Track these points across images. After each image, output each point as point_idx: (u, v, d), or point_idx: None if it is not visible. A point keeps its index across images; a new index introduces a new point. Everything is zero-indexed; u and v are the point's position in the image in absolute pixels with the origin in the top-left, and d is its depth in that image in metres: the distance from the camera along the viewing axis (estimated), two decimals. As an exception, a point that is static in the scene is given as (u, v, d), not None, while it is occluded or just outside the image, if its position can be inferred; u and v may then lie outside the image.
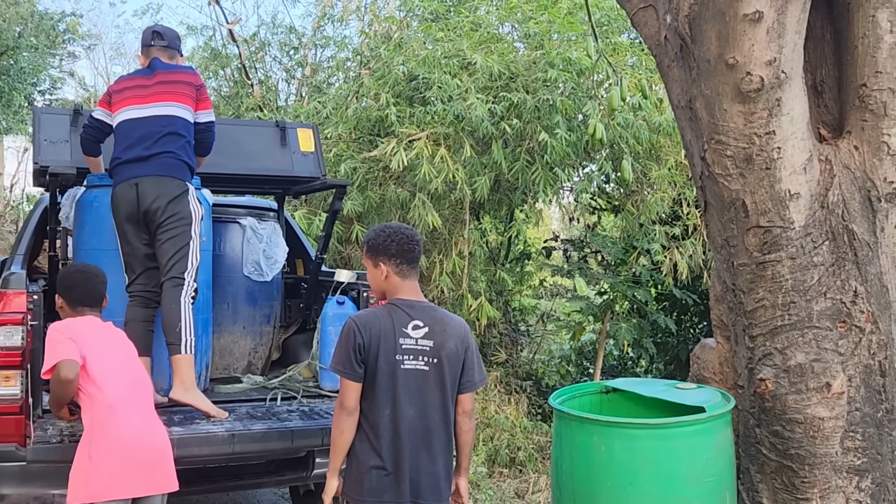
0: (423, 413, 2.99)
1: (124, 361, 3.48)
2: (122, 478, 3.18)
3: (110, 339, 3.50)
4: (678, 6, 3.08)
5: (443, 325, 3.04)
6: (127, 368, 3.46)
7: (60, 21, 17.98)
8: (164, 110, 4.16)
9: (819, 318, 3.05)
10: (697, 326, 9.64)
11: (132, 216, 4.07)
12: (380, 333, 2.98)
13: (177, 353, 3.99)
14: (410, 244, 3.07)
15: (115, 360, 3.41)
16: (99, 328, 3.50)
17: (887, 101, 3.04)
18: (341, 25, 10.57)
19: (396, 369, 2.98)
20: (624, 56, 8.06)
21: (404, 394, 2.98)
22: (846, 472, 3.08)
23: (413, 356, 2.99)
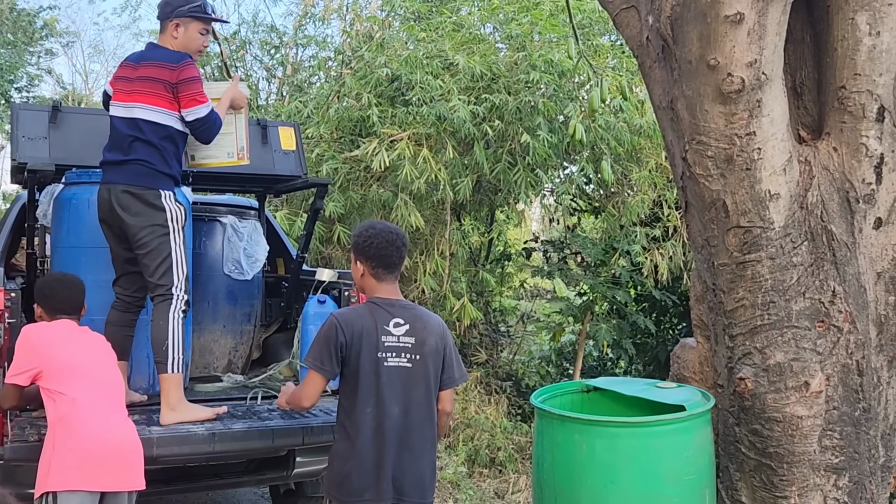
0: (406, 410, 3.01)
1: (94, 362, 3.48)
2: (84, 470, 3.17)
3: (80, 341, 3.50)
4: (660, 7, 3.09)
5: (423, 322, 3.08)
6: (95, 368, 3.45)
7: (38, 17, 17.82)
8: (133, 112, 3.94)
9: (798, 317, 3.07)
10: (677, 327, 9.71)
11: (108, 222, 3.99)
12: (362, 331, 3.00)
13: (163, 372, 3.87)
14: (389, 249, 3.09)
15: (81, 362, 3.41)
16: (70, 330, 3.51)
17: (866, 104, 3.07)
18: (323, 25, 10.57)
19: (379, 367, 3.00)
20: (605, 58, 8.10)
21: (388, 391, 3.00)
22: (824, 470, 3.11)
23: (396, 353, 3.02)
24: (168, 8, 4.04)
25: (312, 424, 4.04)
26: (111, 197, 3.93)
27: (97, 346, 3.58)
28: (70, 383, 3.32)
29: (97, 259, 4.11)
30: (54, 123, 4.53)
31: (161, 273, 3.90)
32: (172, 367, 3.86)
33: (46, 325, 3.50)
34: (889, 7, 3.01)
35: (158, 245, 3.89)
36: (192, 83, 3.95)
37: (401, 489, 3.00)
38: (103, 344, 3.62)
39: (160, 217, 3.91)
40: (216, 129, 4.04)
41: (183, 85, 3.94)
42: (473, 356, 8.78)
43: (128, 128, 3.95)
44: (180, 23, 4.02)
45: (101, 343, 3.61)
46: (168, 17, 4.03)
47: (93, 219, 4.09)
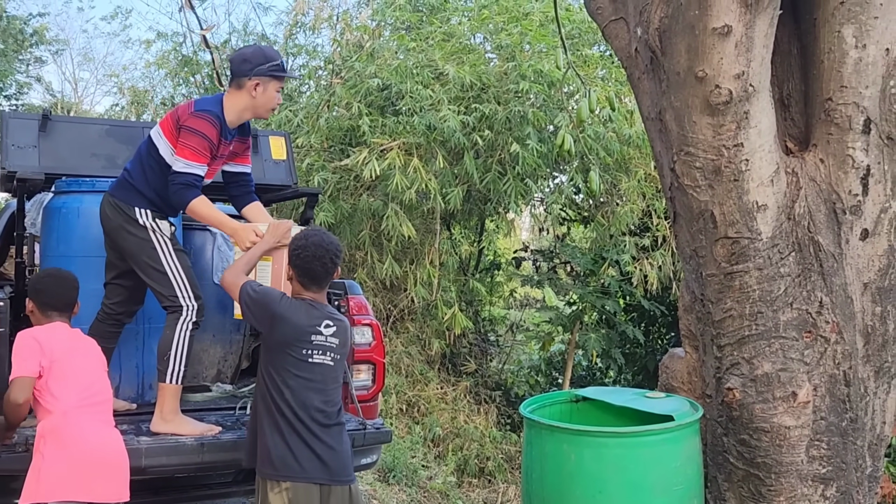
0: (326, 401, 3.27)
1: (85, 370, 3.43)
2: (74, 480, 3.13)
3: (74, 347, 3.45)
4: (649, 19, 3.12)
5: (343, 325, 3.37)
6: (86, 376, 3.42)
7: (28, 24, 17.79)
8: (152, 134, 3.91)
9: (785, 328, 3.09)
10: (665, 337, 9.73)
11: (104, 230, 3.96)
12: (297, 325, 3.27)
13: (161, 381, 3.84)
14: (315, 264, 3.31)
15: (75, 369, 3.37)
16: (64, 336, 3.45)
17: (852, 115, 3.09)
18: (313, 34, 10.57)
19: (305, 361, 3.26)
20: (594, 68, 8.14)
21: (307, 386, 3.26)
22: (811, 480, 3.12)
23: (322, 352, 3.28)
24: (247, 66, 3.89)
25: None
26: (102, 204, 3.93)
27: (91, 351, 3.54)
28: (65, 390, 3.28)
29: (87, 268, 4.08)
30: (44, 132, 4.51)
31: (160, 287, 3.87)
32: (171, 377, 3.83)
33: (50, 328, 3.45)
34: (875, 20, 3.05)
35: (148, 259, 3.85)
36: (193, 135, 3.76)
37: (329, 471, 3.23)
38: (95, 349, 3.58)
39: (141, 231, 3.86)
40: (185, 196, 3.77)
41: (185, 131, 3.77)
42: (463, 365, 8.78)
43: (144, 143, 3.97)
44: (260, 82, 3.91)
45: (93, 348, 3.57)
46: (246, 75, 3.88)
47: (82, 228, 4.07)
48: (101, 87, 26.77)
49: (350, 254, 8.01)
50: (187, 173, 3.77)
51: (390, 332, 7.91)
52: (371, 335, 4.52)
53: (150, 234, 3.87)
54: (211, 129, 3.80)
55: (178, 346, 3.85)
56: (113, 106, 16.64)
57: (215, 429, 3.95)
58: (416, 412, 7.64)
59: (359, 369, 4.50)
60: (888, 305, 3.26)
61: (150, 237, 3.87)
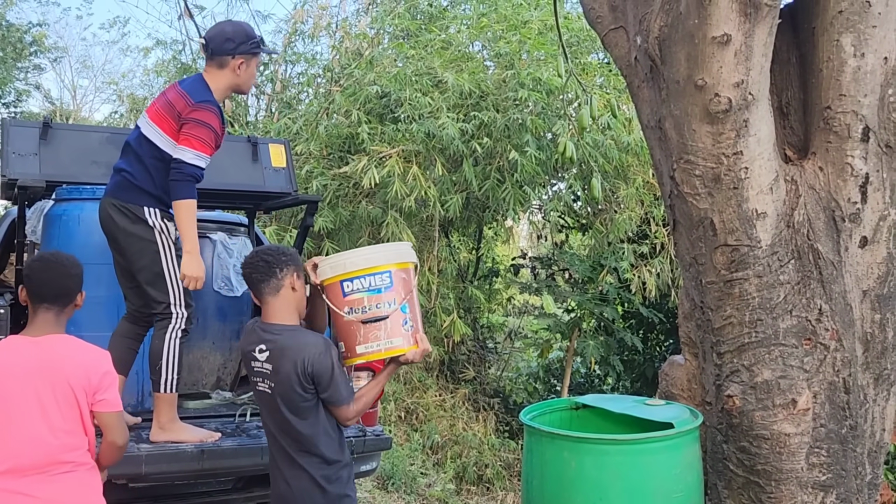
0: (272, 433, 3.14)
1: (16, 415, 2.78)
2: None
3: (26, 379, 2.80)
4: (648, 28, 3.13)
5: (282, 349, 3.06)
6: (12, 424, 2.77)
7: (27, 32, 17.80)
8: (144, 128, 3.86)
9: (785, 335, 3.10)
10: (664, 344, 9.74)
11: (106, 233, 3.93)
12: (243, 353, 3.20)
13: (156, 391, 3.84)
14: (242, 272, 3.22)
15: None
16: (11, 363, 2.83)
17: (851, 124, 3.11)
18: (312, 42, 10.59)
19: (255, 389, 3.17)
20: (593, 76, 8.16)
21: (262, 413, 3.18)
22: (811, 487, 3.13)
23: (261, 378, 3.12)
24: (230, 45, 3.88)
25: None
26: (104, 208, 3.90)
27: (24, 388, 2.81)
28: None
29: (88, 276, 4.07)
30: (45, 139, 4.52)
31: (156, 292, 3.86)
32: (165, 387, 3.83)
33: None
34: (873, 29, 3.06)
35: (149, 262, 3.84)
36: (201, 126, 3.77)
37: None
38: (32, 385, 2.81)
39: (148, 233, 3.85)
40: (188, 190, 3.75)
41: (191, 123, 3.76)
42: (461, 373, 8.79)
43: (134, 139, 3.91)
44: (244, 60, 3.92)
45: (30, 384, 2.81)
46: (230, 54, 3.89)
47: (83, 235, 4.08)
48: (100, 94, 26.80)
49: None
50: (195, 165, 3.76)
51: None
52: (371, 342, 4.52)
53: (157, 236, 3.85)
54: (216, 119, 3.82)
55: (168, 355, 3.84)
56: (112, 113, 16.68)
57: (215, 435, 3.95)
58: (415, 419, 7.64)
59: (358, 376, 4.50)
60: (887, 313, 3.27)
61: (155, 239, 3.85)
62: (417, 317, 3.19)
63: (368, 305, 3.08)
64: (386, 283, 3.10)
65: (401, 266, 3.16)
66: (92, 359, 2.93)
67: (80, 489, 2.84)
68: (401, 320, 3.10)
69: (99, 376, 2.89)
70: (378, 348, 3.09)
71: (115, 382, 2.95)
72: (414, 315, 3.16)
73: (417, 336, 3.13)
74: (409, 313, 3.13)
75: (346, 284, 3.11)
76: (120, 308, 4.19)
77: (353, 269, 3.10)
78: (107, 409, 2.90)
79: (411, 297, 3.15)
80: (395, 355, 3.13)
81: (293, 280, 3.15)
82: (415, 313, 3.17)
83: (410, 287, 3.15)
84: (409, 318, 3.12)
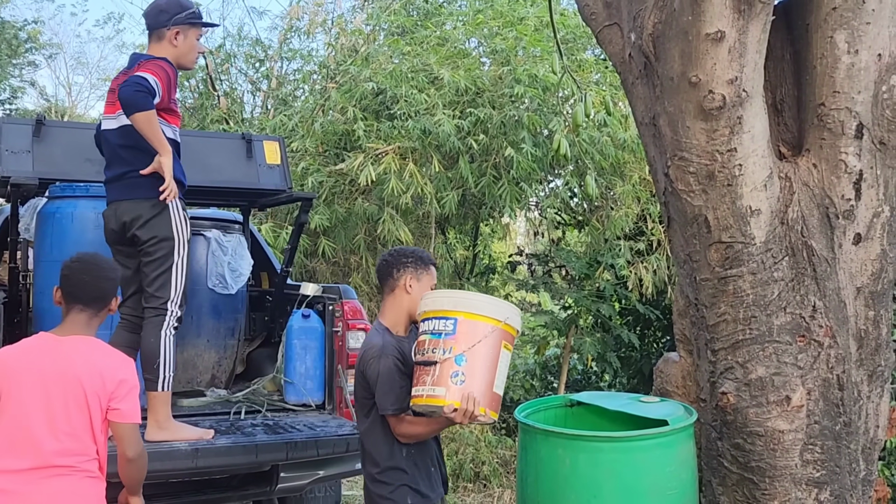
0: None
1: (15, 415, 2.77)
2: None
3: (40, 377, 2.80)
4: (642, 25, 3.13)
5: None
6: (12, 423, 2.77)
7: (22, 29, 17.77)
8: (121, 120, 3.82)
9: (779, 332, 3.10)
10: (660, 341, 9.73)
11: (119, 240, 3.91)
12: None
13: (153, 390, 3.81)
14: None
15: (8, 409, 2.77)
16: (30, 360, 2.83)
17: (844, 121, 3.10)
18: (308, 38, 10.57)
19: None
20: (589, 73, 8.15)
21: None
22: (805, 484, 3.13)
23: None
24: (164, 16, 3.90)
25: (297, 440, 4.04)
26: (117, 215, 3.86)
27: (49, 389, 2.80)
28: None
29: (80, 273, 4.09)
30: (38, 137, 4.52)
31: (159, 284, 3.84)
32: (163, 385, 3.81)
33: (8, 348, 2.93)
34: (867, 26, 3.06)
35: (162, 256, 3.83)
36: (149, 64, 3.75)
37: None
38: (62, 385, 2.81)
39: (166, 228, 3.83)
40: (144, 102, 3.61)
41: (141, 67, 3.75)
42: (458, 370, 8.76)
43: (118, 137, 3.87)
44: (180, 30, 3.92)
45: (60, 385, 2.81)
46: (165, 26, 3.90)
47: (76, 233, 4.07)
48: (95, 91, 26.75)
49: (345, 258, 8.02)
50: (147, 80, 3.65)
51: (385, 336, 7.89)
52: (366, 340, 4.53)
53: (174, 228, 3.85)
54: (166, 64, 3.82)
55: (164, 352, 3.82)
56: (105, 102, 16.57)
57: (210, 433, 3.95)
58: (411, 416, 7.62)
59: (354, 374, 4.50)
60: (881, 310, 3.27)
61: (172, 234, 3.85)
62: (481, 378, 2.93)
63: (427, 348, 2.99)
64: (448, 330, 2.96)
65: (472, 317, 2.97)
66: (110, 364, 2.88)
67: (70, 496, 2.76)
68: (451, 371, 2.91)
69: (115, 383, 2.83)
70: (420, 393, 2.95)
71: (133, 392, 2.88)
72: (472, 373, 2.91)
73: (466, 395, 2.89)
74: (465, 367, 2.91)
75: (421, 323, 3.09)
76: (114, 306, 4.18)
77: (425, 310, 3.08)
78: (119, 419, 2.84)
79: (474, 353, 2.93)
80: (434, 406, 2.92)
81: (408, 281, 3.22)
82: (476, 372, 2.92)
83: (476, 342, 2.93)
84: (462, 372, 2.90)
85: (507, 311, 3.03)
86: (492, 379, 2.96)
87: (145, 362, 3.82)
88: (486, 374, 2.95)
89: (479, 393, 2.91)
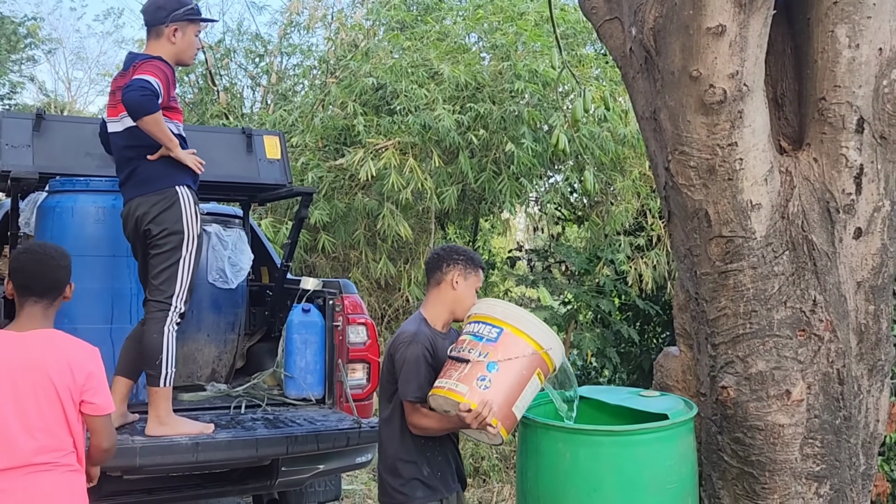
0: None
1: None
2: None
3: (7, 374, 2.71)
4: (643, 19, 3.12)
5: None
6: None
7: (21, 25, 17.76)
8: (125, 122, 3.85)
9: (779, 326, 3.10)
10: (660, 336, 9.74)
11: (133, 240, 3.94)
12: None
13: (154, 386, 3.80)
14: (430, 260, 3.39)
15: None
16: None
17: (845, 115, 3.10)
18: (308, 33, 10.56)
19: None
20: (589, 68, 8.15)
21: None
22: (805, 478, 3.13)
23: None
24: (162, 13, 3.89)
25: (297, 434, 4.04)
26: (131, 212, 3.88)
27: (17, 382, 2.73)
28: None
29: (80, 267, 4.05)
30: (38, 131, 4.51)
31: (164, 279, 3.83)
32: (164, 381, 3.81)
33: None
34: (868, 20, 3.05)
35: (171, 249, 3.82)
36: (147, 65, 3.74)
37: None
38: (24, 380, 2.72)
39: (178, 222, 3.83)
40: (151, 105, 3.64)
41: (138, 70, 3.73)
42: (458, 365, 8.77)
43: (123, 139, 3.90)
44: (178, 27, 3.91)
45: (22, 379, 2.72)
46: (163, 22, 3.89)
47: (77, 227, 4.08)
48: (94, 86, 26.74)
49: (344, 253, 8.02)
50: (150, 82, 3.66)
51: (385, 331, 7.91)
52: (366, 334, 4.54)
53: (184, 224, 3.85)
54: (163, 64, 3.81)
55: (167, 348, 3.82)
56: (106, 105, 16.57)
57: (210, 427, 3.95)
58: (411, 412, 7.63)
59: (354, 368, 4.51)
60: (881, 304, 3.27)
61: (182, 228, 3.84)
62: (505, 392, 2.93)
63: (465, 347, 3.02)
64: (491, 336, 3.00)
65: (518, 333, 3.00)
66: (77, 356, 2.81)
67: (54, 491, 2.72)
68: (479, 374, 2.92)
69: (84, 376, 2.78)
70: (443, 385, 2.97)
71: (102, 383, 2.84)
72: (499, 383, 2.92)
73: (485, 401, 2.89)
74: (494, 376, 2.92)
75: (468, 325, 3.12)
76: (114, 300, 4.19)
77: (476, 313, 3.14)
78: (93, 412, 2.80)
79: (508, 366, 2.95)
80: (452, 401, 2.94)
81: (455, 278, 3.27)
82: (502, 384, 2.93)
83: (513, 357, 2.96)
84: (490, 379, 2.91)
85: (553, 343, 3.06)
86: (515, 398, 2.96)
87: (147, 358, 3.80)
88: (511, 391, 2.95)
89: (497, 405, 2.91)
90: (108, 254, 4.20)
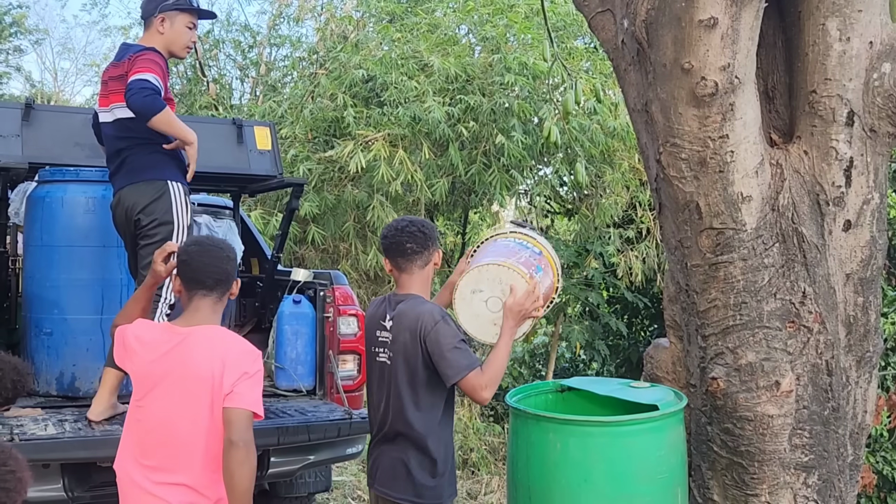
0: (386, 404, 3.11)
1: (153, 411, 2.66)
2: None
3: (165, 370, 2.67)
4: (635, 11, 3.13)
5: (400, 318, 3.09)
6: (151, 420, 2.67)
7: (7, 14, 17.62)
8: (115, 113, 3.85)
9: (769, 318, 3.12)
10: (648, 329, 9.78)
11: (125, 227, 3.91)
12: (369, 324, 3.21)
13: None
14: (390, 239, 3.16)
15: (149, 403, 2.67)
16: (160, 345, 2.70)
17: (836, 108, 3.12)
18: (297, 25, 10.53)
19: (373, 360, 3.16)
20: (579, 61, 8.15)
21: (374, 384, 3.16)
22: (794, 468, 3.16)
23: (382, 348, 3.13)
24: (152, 4, 3.89)
25: (287, 425, 4.04)
26: (121, 202, 3.86)
27: (184, 380, 2.64)
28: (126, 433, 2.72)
29: (70, 258, 4.08)
30: (27, 121, 4.49)
31: None
32: None
33: (127, 327, 2.81)
34: (859, 13, 3.07)
35: (161, 240, 3.76)
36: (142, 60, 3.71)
37: (375, 476, 3.17)
38: (190, 378, 2.64)
39: (167, 212, 3.81)
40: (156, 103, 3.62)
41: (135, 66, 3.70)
42: (447, 357, 8.77)
43: (115, 130, 3.88)
44: (166, 17, 3.88)
45: (188, 377, 2.64)
46: (153, 13, 3.89)
47: (66, 217, 4.06)
48: (81, 76, 26.54)
49: (334, 245, 8.01)
50: (150, 80, 3.63)
51: (375, 323, 7.90)
52: (357, 325, 4.54)
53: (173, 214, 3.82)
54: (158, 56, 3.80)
55: None
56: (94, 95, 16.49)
57: None
58: (401, 403, 7.63)
59: (344, 359, 4.51)
60: (870, 296, 3.30)
61: (172, 218, 3.82)
62: (543, 298, 3.21)
63: (515, 242, 3.34)
64: (535, 251, 3.34)
65: (550, 263, 3.37)
66: (233, 356, 2.67)
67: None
68: (536, 265, 3.23)
69: (238, 375, 2.61)
70: (502, 262, 3.13)
71: (253, 382, 2.66)
72: (541, 287, 3.18)
73: (538, 290, 3.11)
74: (540, 278, 3.20)
75: (504, 238, 3.42)
76: (104, 290, 4.17)
77: (514, 230, 3.45)
78: (232, 404, 2.60)
79: (543, 281, 3.23)
80: (514, 273, 3.07)
81: (438, 256, 3.26)
82: (541, 290, 3.19)
83: (547, 276, 3.28)
84: (539, 278, 3.18)
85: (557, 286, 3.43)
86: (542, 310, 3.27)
87: None
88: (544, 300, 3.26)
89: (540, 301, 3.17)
90: (99, 244, 4.18)
